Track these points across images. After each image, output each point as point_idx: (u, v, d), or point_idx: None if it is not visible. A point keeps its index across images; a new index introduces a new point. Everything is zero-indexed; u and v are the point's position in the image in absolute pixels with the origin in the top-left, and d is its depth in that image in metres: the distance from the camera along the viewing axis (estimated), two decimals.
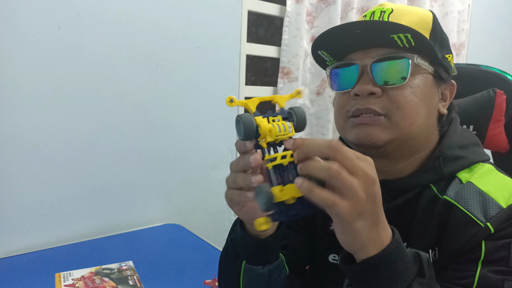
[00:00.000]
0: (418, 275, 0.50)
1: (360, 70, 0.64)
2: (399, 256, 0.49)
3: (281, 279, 0.66)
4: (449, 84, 0.70)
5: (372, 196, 0.45)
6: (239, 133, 0.48)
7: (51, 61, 1.22)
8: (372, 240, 0.48)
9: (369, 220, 0.46)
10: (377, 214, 0.47)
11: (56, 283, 1.03)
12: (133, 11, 1.35)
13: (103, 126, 1.35)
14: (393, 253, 0.48)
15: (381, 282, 0.49)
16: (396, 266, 0.48)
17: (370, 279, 0.49)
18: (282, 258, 0.66)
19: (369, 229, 0.46)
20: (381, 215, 0.48)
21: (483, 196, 0.61)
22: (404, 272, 0.49)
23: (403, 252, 0.50)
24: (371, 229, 0.47)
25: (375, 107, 0.63)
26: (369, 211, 0.45)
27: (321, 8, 1.83)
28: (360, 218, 0.45)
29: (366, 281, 0.50)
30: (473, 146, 0.70)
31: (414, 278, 0.49)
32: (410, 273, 0.49)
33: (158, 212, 1.53)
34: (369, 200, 0.45)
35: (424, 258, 0.51)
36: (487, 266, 0.57)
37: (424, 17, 0.67)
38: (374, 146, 0.64)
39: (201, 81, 1.55)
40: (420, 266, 0.50)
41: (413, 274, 0.49)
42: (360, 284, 0.52)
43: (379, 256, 0.48)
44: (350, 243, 0.48)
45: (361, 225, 0.45)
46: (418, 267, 0.50)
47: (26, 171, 1.22)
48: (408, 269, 0.49)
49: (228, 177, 0.53)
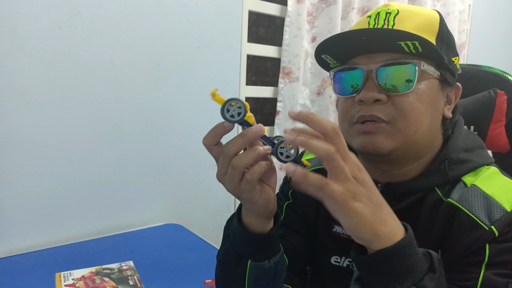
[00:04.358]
0: (430, 270, 0.50)
1: (365, 75, 0.63)
2: (412, 250, 0.50)
3: (284, 268, 0.66)
4: (454, 87, 0.69)
5: (362, 180, 0.48)
6: (229, 116, 0.50)
7: (51, 61, 1.22)
8: (383, 225, 0.48)
9: (367, 202, 0.48)
10: (374, 199, 0.49)
11: (57, 283, 1.03)
12: (134, 10, 1.35)
13: (104, 126, 1.35)
14: (407, 247, 0.49)
15: (392, 274, 0.49)
16: (409, 260, 0.49)
17: (382, 270, 0.50)
18: (282, 248, 0.66)
19: (372, 212, 0.48)
20: (382, 202, 0.50)
21: (487, 199, 0.61)
22: (416, 266, 0.49)
23: (415, 247, 0.51)
24: (374, 214, 0.48)
25: (379, 114, 0.62)
26: (363, 194, 0.48)
27: (322, 8, 1.83)
28: (356, 200, 0.47)
29: (378, 272, 0.50)
30: (478, 149, 0.70)
31: (426, 273, 0.50)
32: (421, 268, 0.50)
33: (158, 212, 1.52)
34: (360, 183, 0.48)
35: (434, 256, 0.52)
36: (491, 269, 0.57)
37: (431, 18, 0.66)
38: (379, 154, 0.64)
39: (201, 81, 1.55)
40: (431, 262, 0.51)
41: (424, 269, 0.50)
42: (371, 276, 0.52)
43: (393, 248, 0.49)
44: (357, 228, 0.48)
45: (360, 206, 0.47)
46: (429, 263, 0.51)
47: (26, 171, 1.22)
48: (420, 264, 0.50)
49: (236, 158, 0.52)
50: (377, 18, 0.67)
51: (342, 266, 0.74)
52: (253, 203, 0.56)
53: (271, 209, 0.58)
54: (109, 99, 1.35)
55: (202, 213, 1.64)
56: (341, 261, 0.74)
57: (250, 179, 0.52)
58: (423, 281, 0.49)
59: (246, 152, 0.51)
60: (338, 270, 0.74)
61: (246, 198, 0.55)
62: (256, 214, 0.59)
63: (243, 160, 0.51)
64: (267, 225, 0.61)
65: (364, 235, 0.49)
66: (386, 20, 0.66)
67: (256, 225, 0.60)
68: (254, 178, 0.52)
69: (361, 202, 0.47)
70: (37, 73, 1.20)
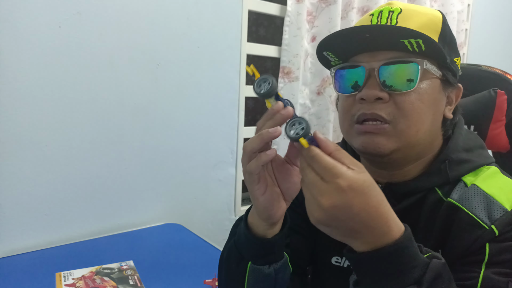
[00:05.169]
0: (416, 283, 0.49)
1: (367, 73, 0.63)
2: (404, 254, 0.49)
3: (286, 278, 0.66)
4: (455, 88, 0.69)
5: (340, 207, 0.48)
6: (263, 88, 0.52)
7: (51, 61, 1.22)
8: (353, 238, 0.50)
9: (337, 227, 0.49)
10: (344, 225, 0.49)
11: (57, 282, 1.03)
12: (134, 10, 1.35)
13: (103, 125, 1.35)
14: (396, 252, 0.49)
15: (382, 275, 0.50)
16: (402, 262, 0.49)
17: (371, 269, 0.50)
18: (286, 256, 0.66)
19: (341, 235, 0.51)
20: (353, 227, 0.49)
21: (487, 198, 0.61)
22: (404, 274, 0.49)
23: (409, 249, 0.50)
24: (343, 235, 0.50)
25: (381, 113, 0.62)
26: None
27: (321, 7, 1.83)
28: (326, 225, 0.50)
29: (366, 270, 0.51)
30: (478, 149, 0.70)
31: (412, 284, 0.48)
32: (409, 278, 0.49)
33: (158, 212, 1.52)
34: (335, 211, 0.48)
35: (432, 266, 0.50)
36: (491, 268, 0.57)
37: (434, 18, 0.66)
38: (380, 155, 0.64)
39: (201, 81, 1.55)
40: (424, 273, 0.49)
41: (411, 280, 0.49)
42: (360, 274, 0.53)
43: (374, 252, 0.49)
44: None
45: (326, 230, 0.50)
46: (422, 273, 0.49)
47: (26, 171, 1.22)
48: (409, 273, 0.49)
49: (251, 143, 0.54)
50: (380, 16, 0.66)
51: (342, 267, 0.74)
52: (254, 198, 0.57)
53: (272, 213, 0.58)
54: (109, 99, 1.35)
55: (202, 213, 1.64)
56: (341, 261, 0.74)
57: (249, 170, 0.54)
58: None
59: (253, 137, 0.53)
60: (338, 271, 0.74)
61: (249, 189, 0.57)
62: (257, 211, 0.59)
63: (249, 144, 0.53)
64: (269, 230, 0.60)
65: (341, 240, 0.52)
66: (389, 19, 0.65)
67: (258, 226, 0.60)
68: (251, 170, 0.54)
69: (329, 227, 0.50)
70: (37, 73, 1.20)
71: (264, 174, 0.57)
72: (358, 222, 0.48)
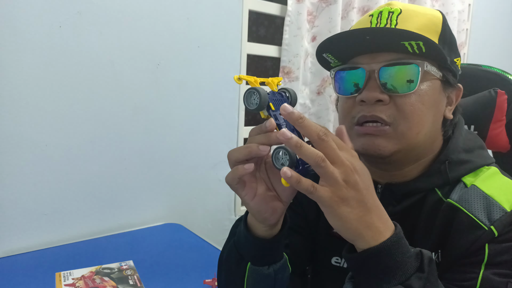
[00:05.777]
0: (418, 270, 0.50)
1: (367, 75, 0.63)
2: (399, 249, 0.50)
3: (285, 278, 0.66)
4: (456, 88, 0.69)
5: (353, 183, 0.48)
6: (252, 104, 0.52)
7: (51, 60, 1.22)
8: (367, 228, 0.49)
9: (356, 207, 0.48)
10: (364, 202, 0.49)
11: (57, 282, 1.03)
12: (134, 10, 1.35)
13: (103, 125, 1.35)
14: (393, 246, 0.50)
15: (379, 273, 0.50)
16: (395, 259, 0.49)
17: (369, 268, 0.51)
18: (285, 257, 0.66)
19: (358, 216, 0.48)
20: (372, 205, 0.50)
21: (487, 199, 0.61)
22: (404, 265, 0.50)
23: (404, 247, 0.51)
24: (360, 218, 0.49)
25: (381, 115, 0.62)
26: (353, 198, 0.48)
27: (322, 7, 1.83)
28: (344, 204, 0.48)
29: (365, 270, 0.51)
30: (478, 149, 0.70)
31: (414, 272, 0.50)
32: (410, 267, 0.50)
33: (158, 212, 1.52)
34: (350, 187, 0.48)
35: (426, 255, 0.51)
36: (490, 268, 0.57)
37: (434, 18, 0.65)
38: (380, 157, 0.64)
39: (201, 81, 1.55)
40: (421, 262, 0.51)
41: (413, 268, 0.50)
42: (359, 274, 0.53)
43: (378, 247, 0.49)
44: (342, 230, 0.50)
45: (346, 211, 0.48)
46: (419, 262, 0.51)
47: (26, 171, 1.22)
48: (408, 264, 0.50)
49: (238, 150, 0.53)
50: (380, 17, 0.66)
51: (342, 267, 0.74)
52: (244, 203, 0.57)
53: (266, 216, 0.57)
54: (109, 98, 1.35)
55: (202, 213, 1.64)
56: (341, 261, 0.74)
57: (226, 180, 0.54)
58: (410, 280, 0.49)
59: (240, 147, 0.53)
60: (338, 271, 0.74)
61: (238, 195, 0.57)
62: (251, 215, 0.60)
63: (234, 153, 0.53)
64: (268, 231, 0.60)
65: (349, 236, 0.50)
66: (388, 20, 0.65)
67: (257, 227, 0.60)
68: (228, 181, 0.54)
69: (348, 206, 0.48)
70: (37, 73, 1.20)
71: (250, 180, 0.56)
72: (375, 211, 0.50)
